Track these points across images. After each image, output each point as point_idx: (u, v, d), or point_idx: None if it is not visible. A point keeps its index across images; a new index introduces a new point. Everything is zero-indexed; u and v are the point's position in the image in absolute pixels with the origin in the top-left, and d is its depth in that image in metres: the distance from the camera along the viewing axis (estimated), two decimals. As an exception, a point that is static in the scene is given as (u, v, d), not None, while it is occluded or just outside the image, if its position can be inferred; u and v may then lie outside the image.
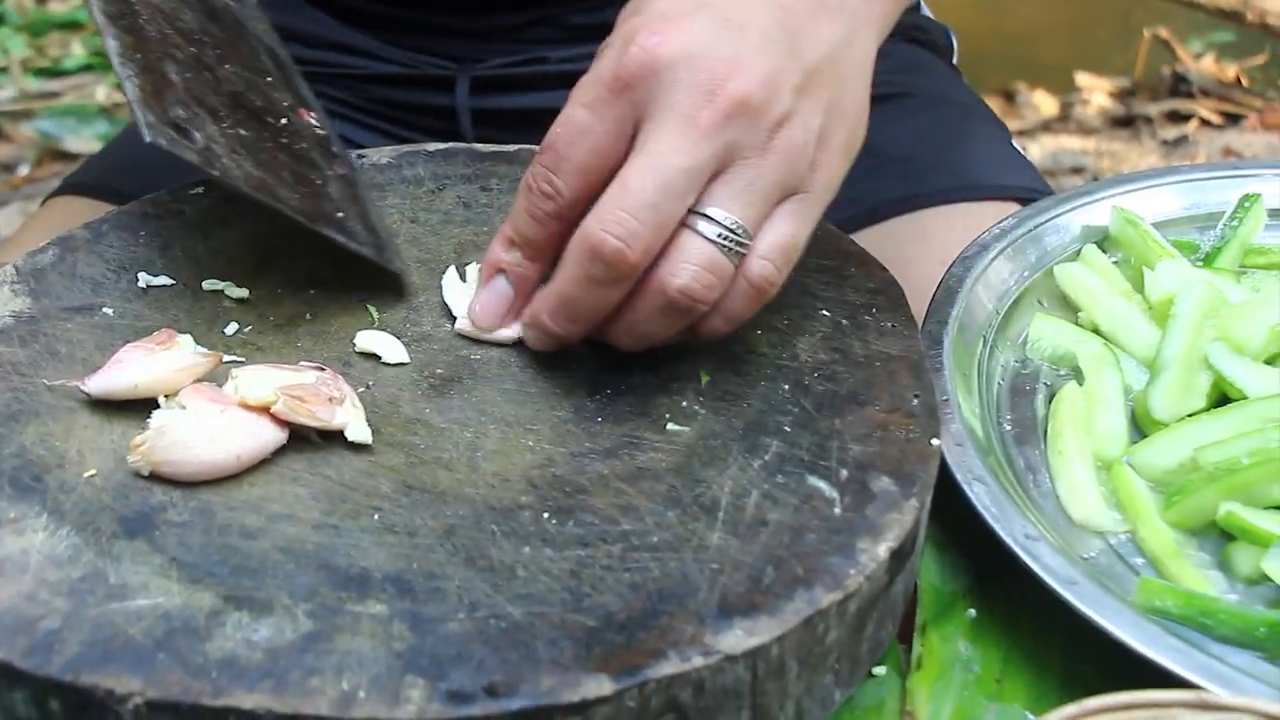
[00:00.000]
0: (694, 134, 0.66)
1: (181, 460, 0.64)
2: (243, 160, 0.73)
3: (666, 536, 0.62)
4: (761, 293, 0.70)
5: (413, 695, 0.54)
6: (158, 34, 0.76)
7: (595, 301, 0.69)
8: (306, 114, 0.85)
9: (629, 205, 0.66)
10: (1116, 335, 0.84)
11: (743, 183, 0.67)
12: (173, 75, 0.74)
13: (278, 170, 0.75)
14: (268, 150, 0.76)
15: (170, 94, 0.72)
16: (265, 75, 0.85)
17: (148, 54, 0.73)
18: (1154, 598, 0.65)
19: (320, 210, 0.76)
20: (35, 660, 0.55)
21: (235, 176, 0.71)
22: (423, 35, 1.18)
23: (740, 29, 0.68)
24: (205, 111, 0.74)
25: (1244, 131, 3.22)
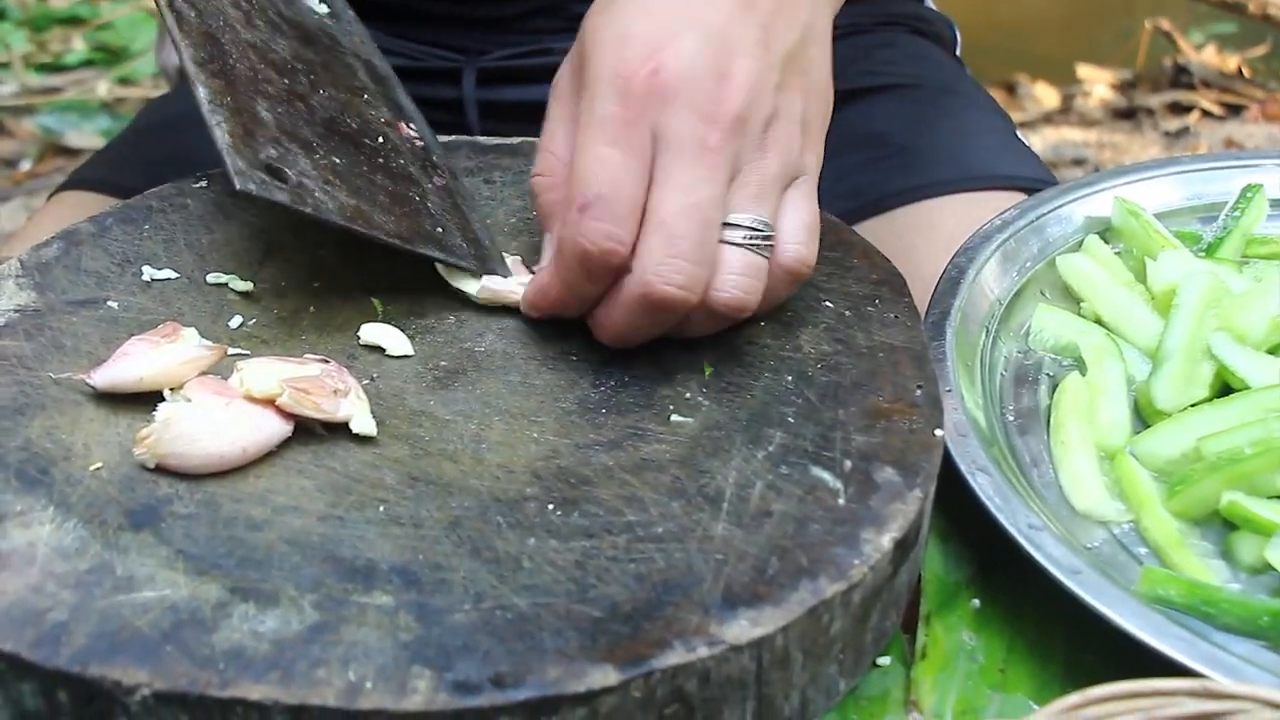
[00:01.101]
0: (710, 159, 0.68)
1: (187, 453, 0.64)
2: (337, 191, 0.74)
3: (671, 527, 0.62)
4: (799, 274, 0.73)
5: (419, 686, 0.54)
6: (249, 72, 0.77)
7: (653, 331, 0.72)
8: (405, 127, 0.85)
9: (682, 251, 0.68)
10: (1119, 326, 0.84)
11: (753, 185, 0.70)
12: (264, 113, 0.75)
13: (374, 195, 0.76)
14: (363, 175, 0.77)
15: (261, 134, 0.73)
16: (361, 93, 0.85)
17: (238, 95, 0.74)
18: (1157, 587, 0.66)
19: (419, 229, 0.77)
20: (43, 652, 0.55)
21: (329, 210, 0.72)
22: (428, 27, 1.18)
23: (721, 42, 0.70)
24: (298, 145, 0.75)
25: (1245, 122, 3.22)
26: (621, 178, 0.68)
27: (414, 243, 0.76)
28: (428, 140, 0.87)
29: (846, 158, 1.15)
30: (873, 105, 1.19)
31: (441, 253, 0.77)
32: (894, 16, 1.27)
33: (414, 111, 0.90)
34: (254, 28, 0.82)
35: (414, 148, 0.85)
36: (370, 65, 0.91)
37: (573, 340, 0.75)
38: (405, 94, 0.92)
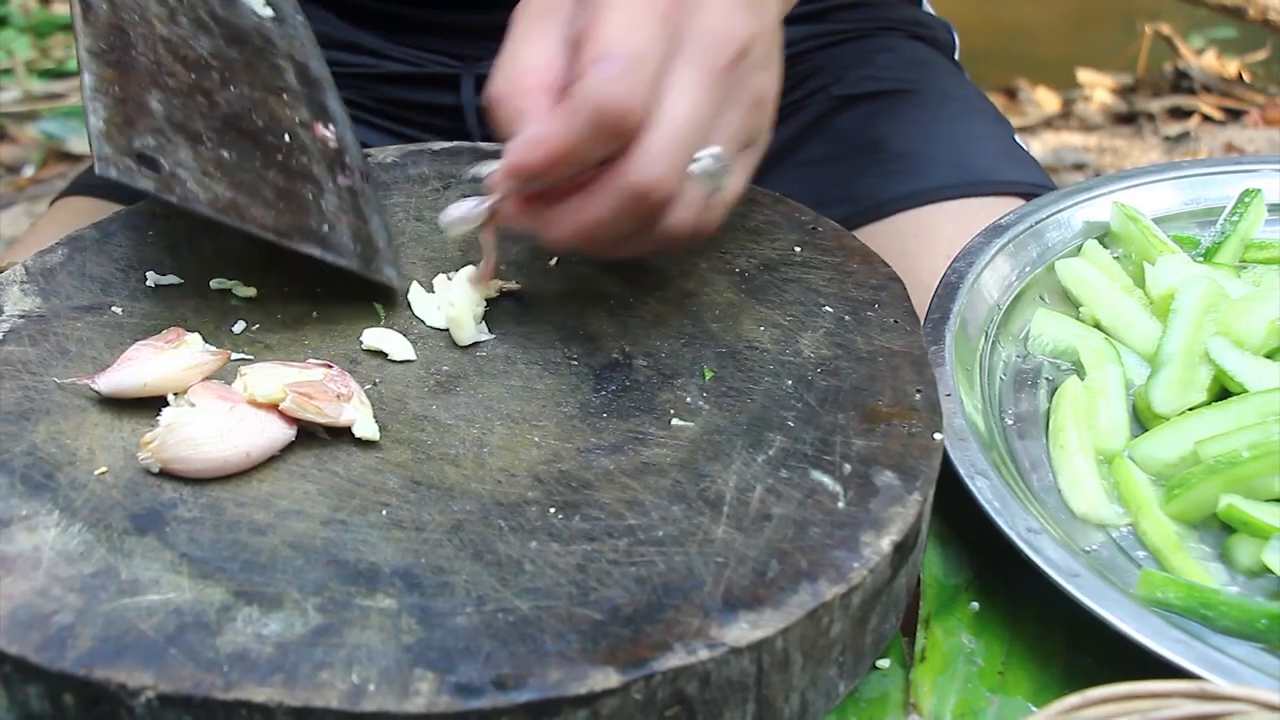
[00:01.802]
0: (716, 82, 0.68)
1: (191, 457, 0.65)
2: (215, 183, 0.74)
3: (672, 531, 0.63)
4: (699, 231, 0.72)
5: (422, 688, 0.54)
6: (151, 64, 0.78)
7: (621, 234, 0.70)
8: (320, 128, 0.85)
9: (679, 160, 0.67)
10: (1118, 330, 0.84)
11: (732, 128, 0.70)
12: (155, 104, 0.75)
13: (258, 189, 0.76)
14: (253, 170, 0.77)
15: (143, 123, 0.73)
16: (281, 93, 0.85)
17: (128, 85, 0.75)
18: (1155, 590, 0.66)
19: (300, 225, 0.76)
20: (48, 655, 0.55)
21: (198, 201, 0.72)
22: (427, 33, 1.18)
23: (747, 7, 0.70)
24: (185, 138, 0.75)
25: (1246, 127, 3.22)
26: (651, 47, 0.66)
27: (290, 238, 0.75)
28: (345, 143, 0.87)
29: (845, 163, 1.16)
30: (871, 111, 1.19)
31: (321, 250, 0.76)
32: (892, 21, 1.27)
33: (340, 115, 0.90)
34: (175, 24, 0.83)
35: (325, 148, 0.85)
36: (304, 68, 0.91)
37: (574, 345, 0.75)
38: (336, 98, 0.92)
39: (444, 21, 1.18)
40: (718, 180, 0.70)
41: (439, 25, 1.18)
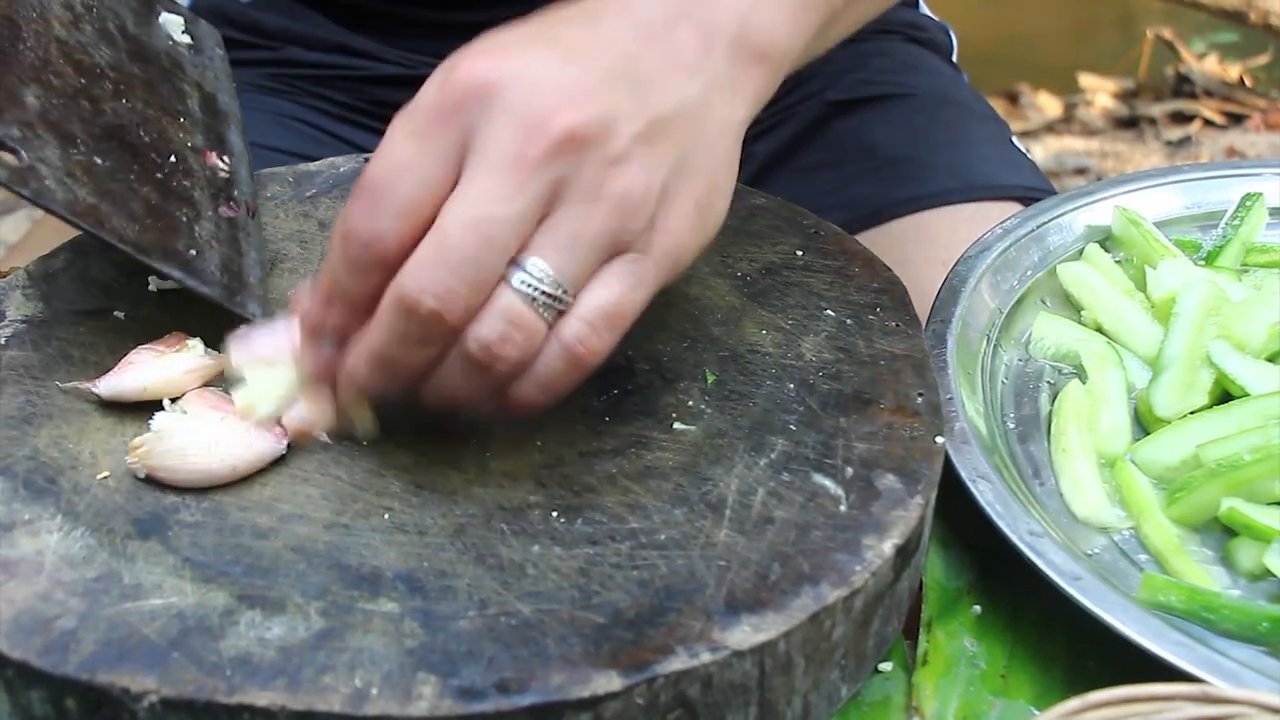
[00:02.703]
0: (519, 175, 0.60)
1: (177, 467, 0.65)
2: (78, 186, 0.70)
3: (674, 534, 0.63)
4: (577, 359, 0.62)
5: (424, 692, 0.54)
6: (37, 59, 0.74)
7: (413, 359, 0.63)
8: (213, 157, 0.81)
9: (449, 261, 0.59)
10: (1119, 333, 0.84)
11: (567, 232, 0.61)
12: (30, 98, 0.72)
13: (126, 201, 0.72)
14: (125, 182, 0.74)
15: (11, 113, 0.70)
16: (178, 117, 0.82)
17: (4, 74, 0.72)
18: (1157, 593, 0.66)
19: (163, 244, 0.72)
20: (51, 659, 0.55)
21: (54, 200, 0.68)
22: (420, 35, 1.18)
23: (580, 63, 0.62)
24: (55, 136, 0.72)
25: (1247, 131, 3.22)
26: (404, 171, 0.61)
27: (150, 254, 0.71)
28: (237, 177, 0.83)
29: (842, 169, 1.16)
30: (869, 116, 1.19)
31: (183, 273, 0.72)
32: (889, 24, 1.27)
33: (240, 151, 0.85)
34: (77, 30, 0.79)
35: (213, 177, 0.81)
36: (210, 98, 0.87)
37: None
38: (241, 135, 0.87)
39: (438, 22, 1.18)
40: (556, 295, 0.61)
41: (432, 26, 1.18)
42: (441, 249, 0.60)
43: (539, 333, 0.62)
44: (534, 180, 0.60)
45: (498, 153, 0.60)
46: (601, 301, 0.62)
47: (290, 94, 1.18)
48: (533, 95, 0.60)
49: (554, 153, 0.60)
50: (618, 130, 0.61)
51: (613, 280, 0.62)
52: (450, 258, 0.60)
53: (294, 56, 1.19)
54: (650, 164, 0.62)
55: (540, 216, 0.61)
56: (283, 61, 1.18)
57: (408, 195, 0.61)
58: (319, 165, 0.90)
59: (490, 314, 0.61)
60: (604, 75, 0.62)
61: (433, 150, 0.61)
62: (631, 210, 0.62)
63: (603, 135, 0.61)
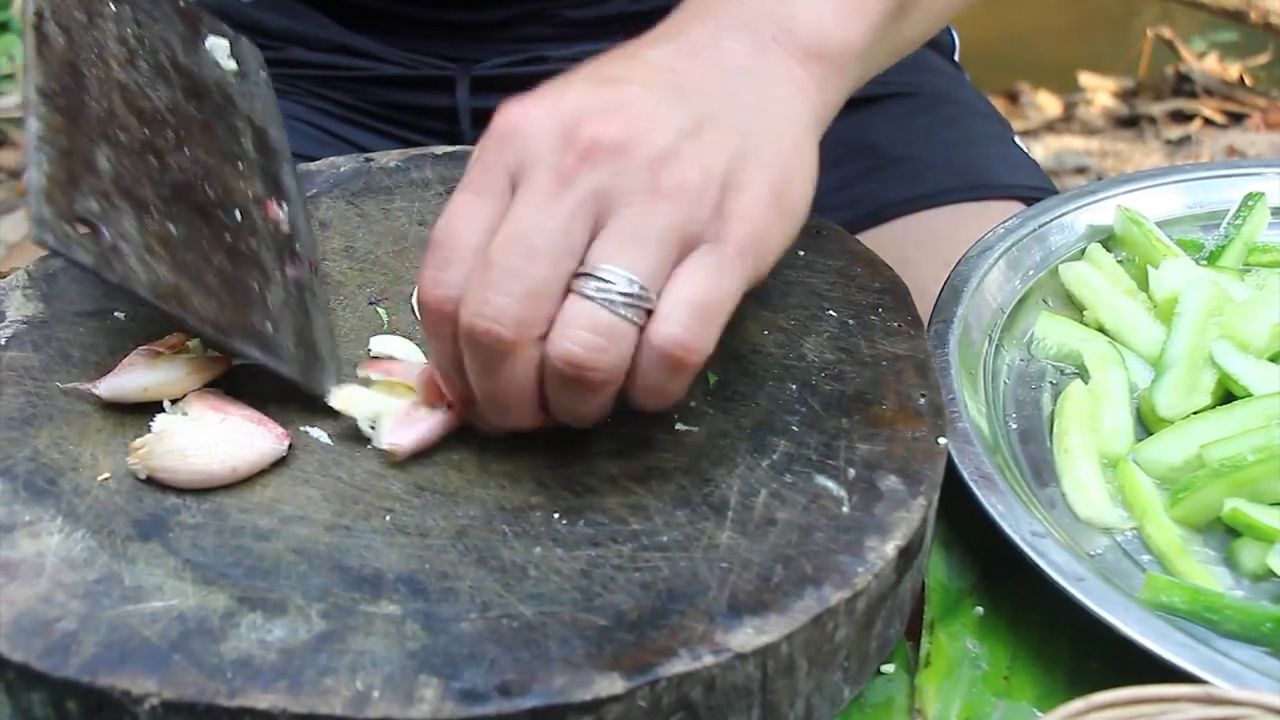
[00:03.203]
0: (555, 188, 0.60)
1: (177, 468, 0.65)
2: (156, 263, 0.67)
3: (676, 536, 0.63)
4: (674, 360, 0.61)
5: (426, 694, 0.54)
6: (104, 112, 0.72)
7: (506, 390, 0.63)
8: (273, 207, 0.80)
9: (492, 281, 0.60)
10: (1121, 333, 0.84)
11: (628, 231, 0.60)
12: (103, 161, 0.69)
13: (203, 274, 0.70)
14: (199, 250, 0.71)
15: (89, 183, 0.67)
16: (236, 161, 0.80)
17: (77, 137, 0.69)
18: (1160, 594, 0.66)
19: (242, 322, 0.70)
20: (52, 662, 0.55)
21: (138, 282, 0.66)
22: (421, 35, 1.18)
23: (616, 84, 0.63)
24: (131, 204, 0.69)
25: (1247, 131, 3.22)
26: (462, 223, 0.62)
27: (230, 335, 0.69)
28: (297, 226, 0.82)
29: (843, 168, 1.15)
30: (871, 114, 1.19)
31: (261, 352, 0.69)
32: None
33: (294, 193, 0.84)
34: (134, 69, 0.77)
35: (276, 231, 0.79)
36: (262, 134, 0.85)
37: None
38: (292, 172, 0.86)
39: (438, 21, 1.18)
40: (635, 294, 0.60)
41: (433, 26, 1.18)
42: (487, 271, 0.60)
43: (625, 337, 0.60)
44: (571, 190, 0.60)
45: (535, 175, 0.61)
46: (685, 295, 0.60)
47: (292, 94, 1.18)
48: (564, 117, 0.61)
49: (586, 162, 0.60)
50: (659, 131, 0.61)
51: (692, 272, 0.61)
52: (495, 276, 0.60)
53: (296, 56, 1.18)
54: (704, 153, 0.62)
55: (590, 225, 0.61)
56: (284, 61, 1.18)
57: (466, 243, 0.61)
58: (319, 165, 0.90)
59: (568, 327, 0.60)
60: (642, 89, 0.63)
61: (482, 197, 0.62)
62: (692, 198, 0.61)
63: (639, 134, 0.61)
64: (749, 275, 0.63)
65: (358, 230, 0.85)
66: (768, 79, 0.67)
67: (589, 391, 0.61)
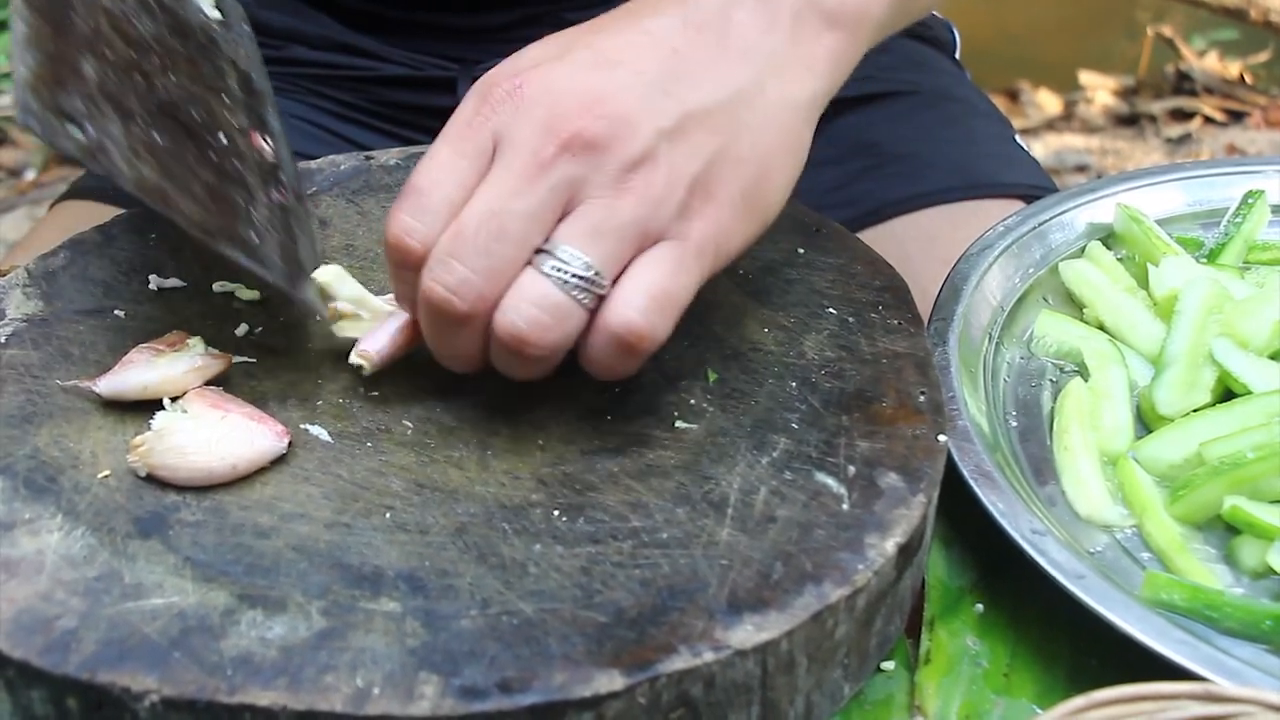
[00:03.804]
0: (532, 173, 0.63)
1: (177, 465, 0.65)
2: (142, 164, 0.69)
3: (676, 533, 0.63)
4: (625, 343, 0.64)
5: (426, 691, 0.54)
6: (89, 29, 0.73)
7: (453, 345, 0.67)
8: (258, 138, 0.80)
9: (460, 252, 0.63)
10: (1121, 331, 0.84)
11: (588, 221, 0.63)
12: (87, 69, 0.70)
13: (188, 183, 0.72)
14: (185, 163, 0.73)
15: (74, 85, 0.68)
16: (221, 94, 0.80)
17: (63, 45, 0.70)
18: (1160, 591, 0.66)
19: (228, 229, 0.72)
20: (52, 659, 0.55)
21: (123, 177, 0.67)
22: (423, 36, 1.18)
23: (610, 68, 0.65)
24: (116, 111, 0.70)
25: (1248, 129, 3.22)
26: (441, 175, 0.65)
27: (217, 239, 0.71)
28: (282, 159, 0.81)
29: (844, 166, 1.15)
30: (871, 113, 1.19)
31: (247, 258, 0.72)
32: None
33: (279, 132, 0.84)
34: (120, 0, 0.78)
35: (261, 160, 0.79)
36: (246, 77, 0.85)
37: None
38: (277, 115, 0.85)
39: (437, 23, 1.18)
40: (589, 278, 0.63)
41: (435, 28, 1.18)
42: (456, 240, 0.63)
43: (571, 316, 0.64)
44: (546, 178, 0.63)
45: (515, 154, 0.63)
46: (642, 284, 0.64)
47: (293, 93, 1.18)
48: (554, 102, 0.64)
49: (564, 152, 0.63)
50: (638, 129, 0.63)
51: (650, 264, 0.64)
52: (464, 248, 0.63)
53: (297, 55, 1.18)
54: (678, 158, 0.64)
55: (559, 213, 0.64)
56: (286, 60, 1.18)
57: (440, 196, 0.64)
58: (319, 163, 0.90)
59: (517, 300, 0.63)
60: (634, 76, 0.65)
61: (464, 153, 0.65)
62: (657, 200, 0.64)
63: (618, 135, 0.63)
64: (705, 271, 0.66)
65: (358, 229, 0.85)
66: (773, 60, 0.68)
67: (528, 362, 0.65)
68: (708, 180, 0.65)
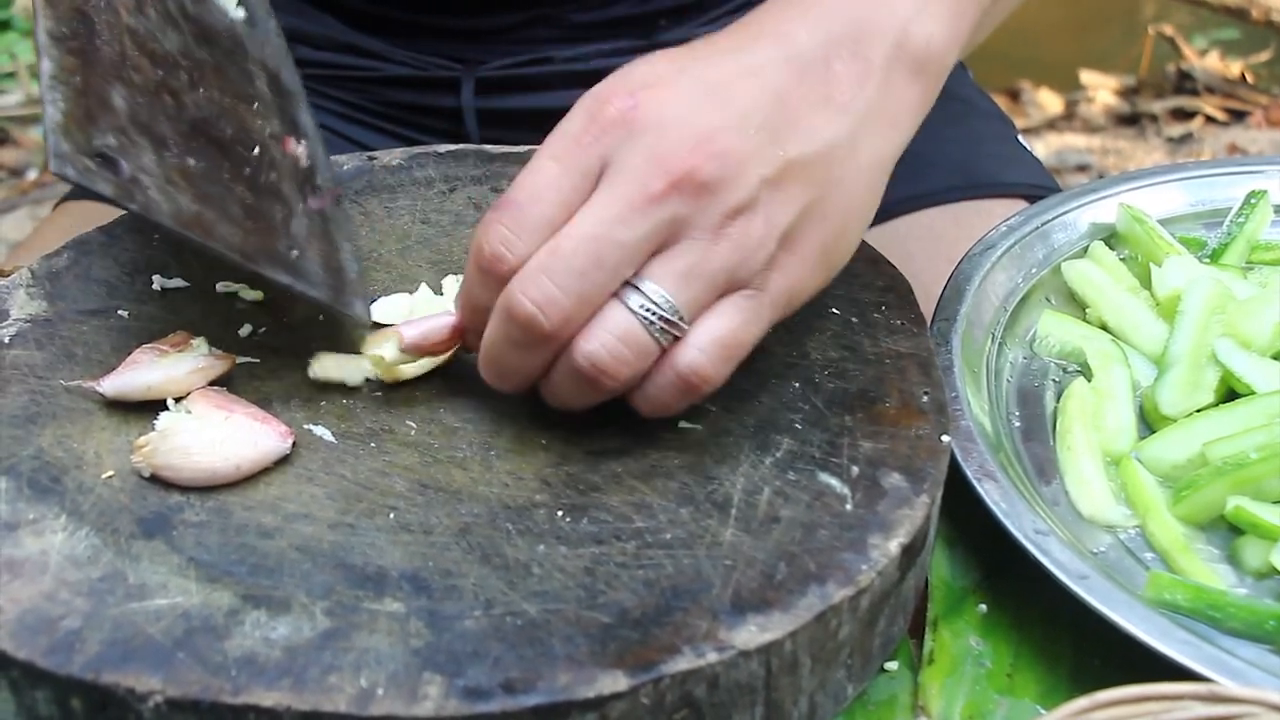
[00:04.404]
0: (639, 206, 0.62)
1: (181, 465, 0.65)
2: (179, 194, 0.69)
3: (680, 533, 0.63)
4: (689, 385, 0.65)
5: (430, 692, 0.54)
6: (115, 55, 0.73)
7: (517, 362, 0.66)
8: (291, 143, 0.80)
9: (555, 271, 0.62)
10: (1124, 331, 0.84)
11: (683, 262, 0.63)
12: (118, 100, 0.70)
13: (225, 205, 0.71)
14: (221, 182, 0.73)
15: (105, 119, 0.68)
16: (251, 101, 0.80)
17: (90, 76, 0.70)
18: (1163, 591, 0.66)
19: (268, 248, 0.71)
20: (56, 659, 0.55)
21: (161, 212, 0.67)
22: (427, 37, 1.18)
23: (722, 103, 0.64)
24: (148, 140, 0.70)
25: (1249, 128, 3.22)
26: (544, 191, 0.64)
27: (258, 261, 0.70)
28: (317, 161, 0.81)
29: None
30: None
31: (290, 277, 0.71)
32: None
33: (312, 131, 0.84)
34: (142, 15, 0.77)
35: (295, 166, 0.79)
36: (275, 77, 0.85)
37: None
38: (307, 112, 0.85)
39: (441, 24, 1.18)
40: (672, 320, 0.63)
41: (436, 28, 1.18)
42: (552, 258, 0.62)
43: (650, 354, 0.64)
44: (652, 213, 0.62)
45: (624, 182, 0.62)
46: (717, 332, 0.64)
47: (296, 93, 1.18)
48: (667, 133, 0.63)
49: (674, 190, 0.62)
50: (746, 174, 0.63)
51: (729, 313, 0.64)
52: (557, 267, 0.62)
53: (302, 55, 1.18)
54: (775, 209, 0.64)
55: (656, 248, 0.63)
56: (290, 60, 1.18)
57: (540, 213, 0.64)
58: (322, 163, 0.90)
59: (602, 330, 0.63)
60: (743, 118, 0.64)
61: (570, 173, 0.64)
62: (751, 250, 0.64)
63: (727, 179, 0.63)
64: (774, 322, 0.67)
65: (361, 229, 0.85)
66: (867, 116, 0.68)
67: (595, 392, 0.65)
68: (795, 233, 0.65)
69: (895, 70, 0.68)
